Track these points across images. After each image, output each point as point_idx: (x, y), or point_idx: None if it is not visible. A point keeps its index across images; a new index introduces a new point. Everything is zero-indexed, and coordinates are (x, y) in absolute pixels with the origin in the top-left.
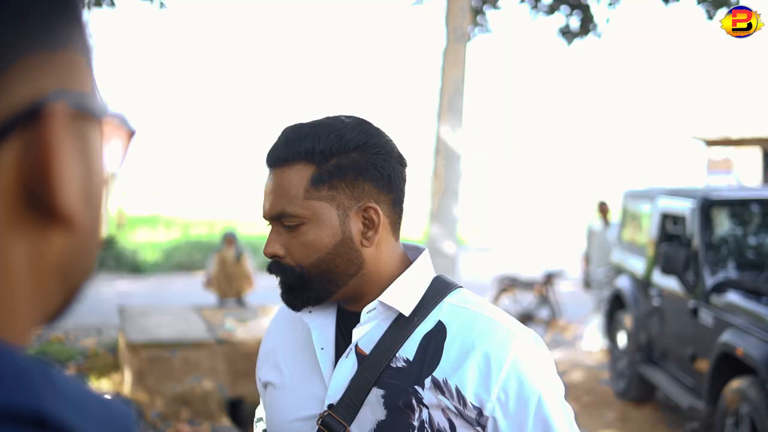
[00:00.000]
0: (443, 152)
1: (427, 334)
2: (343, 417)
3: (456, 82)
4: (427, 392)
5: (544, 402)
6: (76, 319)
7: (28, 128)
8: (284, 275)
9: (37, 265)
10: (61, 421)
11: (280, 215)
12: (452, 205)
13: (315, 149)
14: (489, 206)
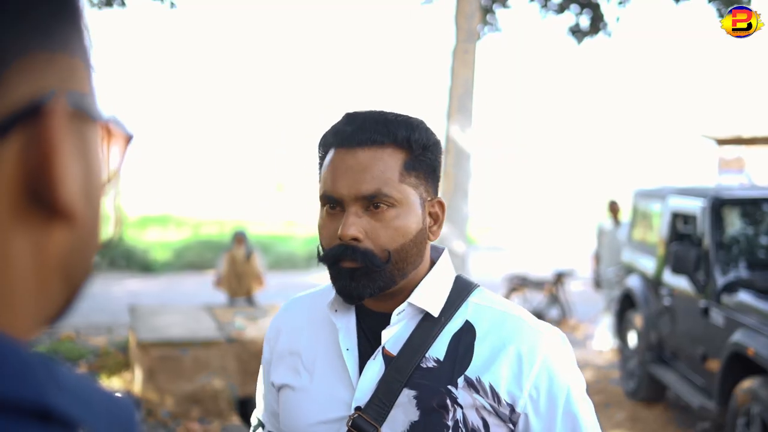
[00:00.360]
0: (453, 152)
1: (455, 333)
2: (374, 419)
3: (465, 81)
4: (461, 392)
5: (572, 398)
6: (87, 318)
7: (29, 125)
8: (364, 260)
9: (39, 261)
10: (64, 413)
11: (373, 195)
12: (462, 205)
13: (411, 137)
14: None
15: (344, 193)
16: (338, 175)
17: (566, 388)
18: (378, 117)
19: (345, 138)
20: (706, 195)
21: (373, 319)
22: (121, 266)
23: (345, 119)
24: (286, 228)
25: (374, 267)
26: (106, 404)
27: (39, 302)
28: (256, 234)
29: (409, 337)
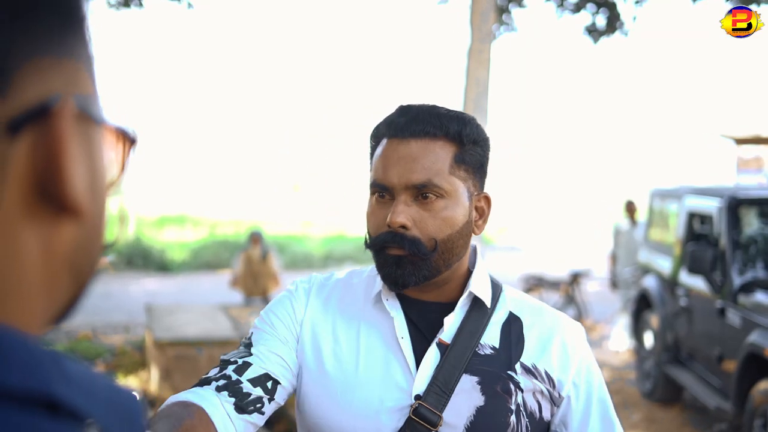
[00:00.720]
0: None
1: (505, 322)
2: (434, 406)
3: (480, 81)
4: (521, 377)
5: (602, 386)
6: (105, 317)
7: (38, 125)
8: (411, 247)
9: (48, 257)
10: (70, 404)
11: (423, 185)
12: None
13: (462, 132)
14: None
15: (395, 182)
16: (390, 164)
17: (599, 376)
18: (431, 110)
19: (398, 128)
20: (723, 195)
21: (417, 309)
22: (139, 266)
23: (398, 111)
24: (302, 228)
25: (420, 255)
26: (110, 396)
27: (48, 297)
28: (273, 234)
29: (462, 326)
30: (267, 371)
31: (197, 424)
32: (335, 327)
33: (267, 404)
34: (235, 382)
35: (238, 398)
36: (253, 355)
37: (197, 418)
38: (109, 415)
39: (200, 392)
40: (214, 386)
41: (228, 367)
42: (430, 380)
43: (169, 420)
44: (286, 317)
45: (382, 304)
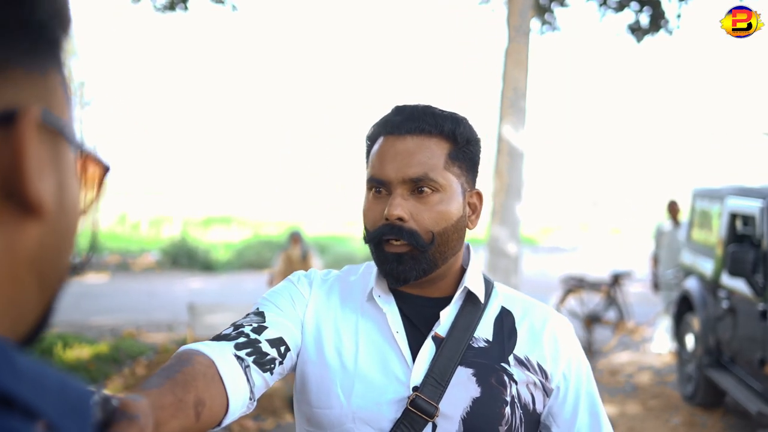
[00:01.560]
0: (505, 152)
1: (497, 317)
2: (431, 398)
3: (518, 81)
4: (514, 369)
5: (591, 379)
6: (149, 315)
7: (4, 130)
8: (410, 239)
9: (10, 255)
10: (19, 398)
11: (420, 178)
12: (515, 205)
13: (456, 131)
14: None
15: (392, 176)
16: (387, 160)
17: (587, 369)
18: (426, 109)
19: (394, 126)
20: (765, 195)
21: (412, 304)
22: (183, 265)
23: (394, 110)
24: (346, 228)
25: (419, 248)
26: (61, 390)
27: (10, 298)
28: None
29: (456, 320)
30: (281, 336)
31: (198, 374)
32: (336, 321)
33: (277, 366)
34: (255, 340)
35: (258, 356)
36: (267, 321)
37: (200, 367)
38: (58, 410)
39: (214, 345)
40: (234, 344)
41: (244, 327)
42: (426, 372)
43: (167, 370)
44: (292, 300)
45: (376, 300)
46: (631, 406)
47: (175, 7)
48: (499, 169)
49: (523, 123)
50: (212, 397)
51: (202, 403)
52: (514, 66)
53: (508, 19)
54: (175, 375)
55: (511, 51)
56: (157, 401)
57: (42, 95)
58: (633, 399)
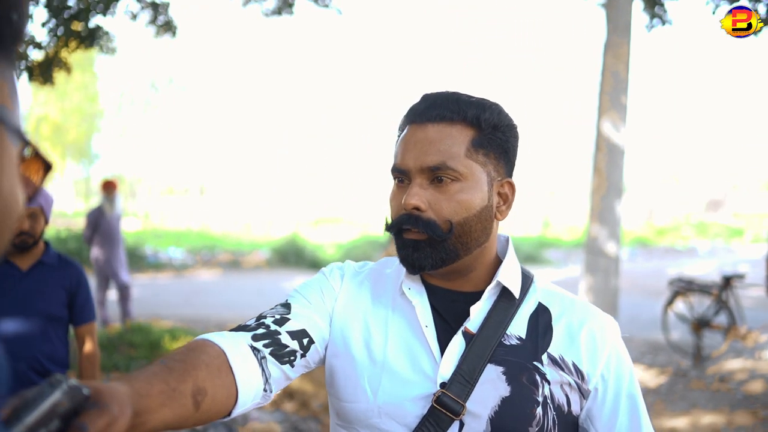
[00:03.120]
0: (605, 149)
1: (532, 313)
2: (458, 395)
3: (618, 76)
4: (547, 368)
5: (633, 381)
6: (256, 311)
7: None
8: (426, 229)
9: None
10: None
11: (437, 167)
12: (615, 204)
13: (481, 116)
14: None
15: (410, 165)
16: (407, 148)
17: (629, 371)
18: (450, 96)
19: (417, 114)
20: None
21: (443, 297)
22: (292, 263)
23: (421, 99)
24: None
25: (436, 237)
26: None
27: None
28: None
29: (488, 315)
30: (304, 328)
31: (201, 363)
32: (366, 314)
33: (299, 359)
34: (274, 332)
35: (275, 347)
36: (291, 313)
37: (205, 357)
38: None
39: (231, 336)
40: (252, 335)
41: (267, 318)
42: (454, 369)
43: (166, 359)
44: (322, 293)
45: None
46: (740, 415)
47: (282, 12)
48: (598, 166)
49: (624, 119)
50: (216, 387)
51: (202, 393)
52: (614, 60)
53: (606, 11)
54: (173, 364)
55: (610, 45)
56: (143, 389)
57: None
58: (743, 408)
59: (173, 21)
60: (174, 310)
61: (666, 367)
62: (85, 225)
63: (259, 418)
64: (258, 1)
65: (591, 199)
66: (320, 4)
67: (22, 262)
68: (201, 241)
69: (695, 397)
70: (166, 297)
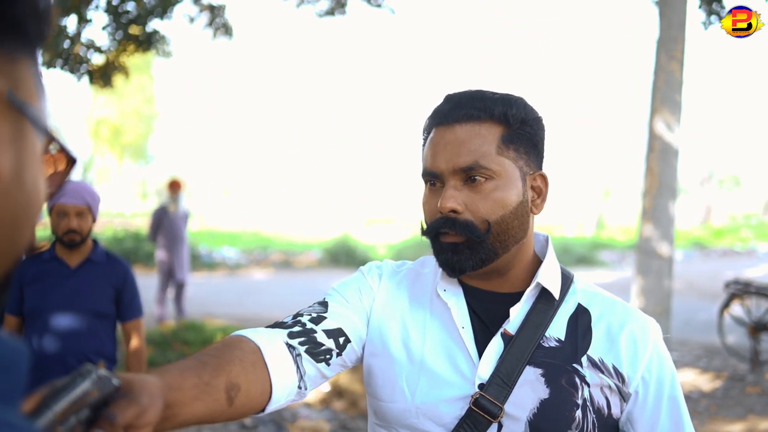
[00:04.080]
0: (657, 148)
1: (572, 315)
2: (496, 397)
3: (671, 74)
4: (587, 370)
5: (675, 383)
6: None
7: None
8: (465, 231)
9: None
10: None
11: (470, 167)
12: (668, 204)
13: (508, 112)
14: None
15: (443, 168)
16: (437, 151)
17: (671, 374)
18: (475, 94)
19: (443, 116)
20: None
21: (481, 298)
22: (343, 263)
23: (444, 100)
24: None
25: (475, 238)
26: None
27: None
28: None
29: (527, 317)
30: (341, 327)
31: (236, 359)
32: (404, 314)
33: (335, 357)
34: (310, 330)
35: (311, 345)
36: (328, 311)
37: (240, 353)
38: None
39: (267, 332)
40: (288, 332)
41: (303, 316)
42: (492, 371)
43: (200, 354)
44: (360, 291)
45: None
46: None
47: (335, 12)
48: (650, 166)
49: (678, 118)
50: (250, 383)
51: (235, 388)
52: (667, 58)
53: (660, 9)
54: (207, 359)
55: (663, 43)
56: (175, 382)
57: (8, 78)
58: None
59: (229, 23)
60: (227, 308)
61: (721, 372)
62: (150, 224)
63: (309, 416)
64: (311, 2)
65: (643, 199)
66: (373, 3)
67: (70, 259)
68: (254, 241)
69: (751, 402)
70: (219, 296)
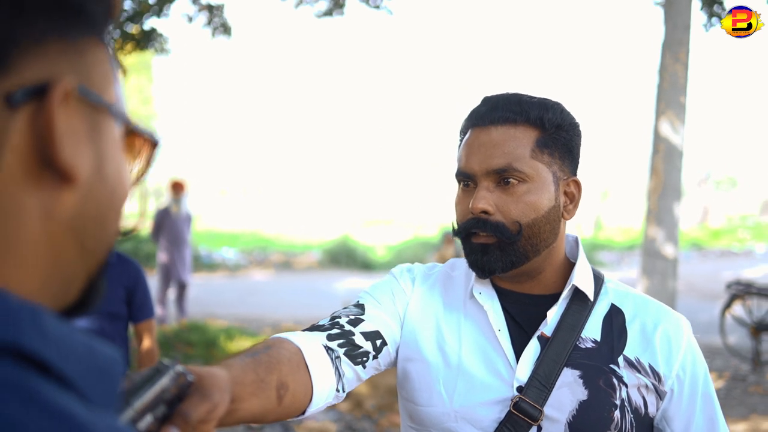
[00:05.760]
0: (662, 150)
1: (606, 315)
2: (535, 400)
3: (676, 76)
4: (624, 371)
5: (708, 380)
6: (308, 311)
7: (39, 101)
8: (495, 232)
9: (48, 220)
10: (40, 356)
11: (504, 169)
12: (673, 205)
13: (544, 117)
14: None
15: (476, 169)
16: (471, 152)
17: (704, 370)
18: (512, 97)
19: (479, 117)
20: None
21: (515, 301)
22: (343, 264)
23: (481, 101)
24: None
25: (506, 240)
26: (88, 355)
27: (51, 262)
28: None
29: (562, 319)
30: (378, 329)
31: (283, 359)
32: (438, 317)
33: (371, 360)
34: (348, 332)
35: (349, 348)
36: (365, 314)
37: (286, 353)
38: (84, 372)
39: (306, 335)
40: (326, 334)
41: (341, 318)
42: (530, 374)
43: (252, 351)
44: (393, 295)
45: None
46: None
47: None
48: (655, 167)
49: (683, 120)
50: (296, 383)
51: (285, 387)
52: (672, 60)
53: (665, 11)
54: (260, 356)
55: (668, 44)
56: (239, 377)
57: (79, 70)
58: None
59: (228, 22)
60: (228, 309)
61: (723, 372)
62: (152, 225)
63: (315, 417)
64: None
65: (648, 200)
66: (371, 4)
67: None
68: (254, 242)
69: (754, 402)
70: (220, 296)
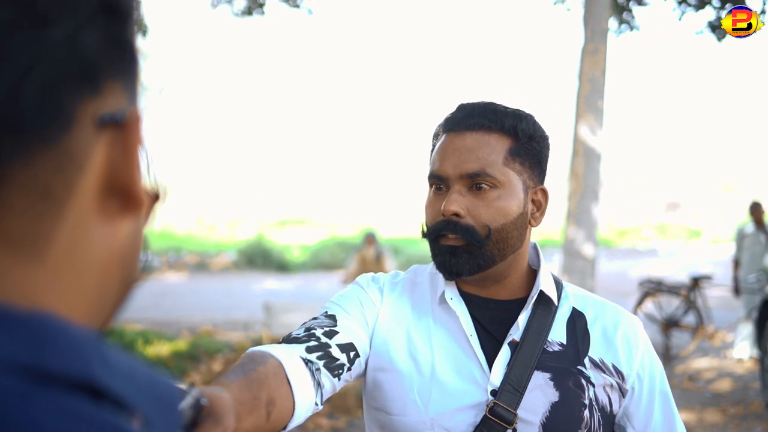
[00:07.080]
0: (581, 153)
1: (569, 319)
2: (509, 404)
3: (595, 81)
4: (590, 371)
5: (664, 378)
6: (225, 314)
7: (117, 127)
8: (465, 234)
9: (109, 250)
10: (112, 390)
11: (477, 174)
12: (592, 206)
13: (517, 126)
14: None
15: (450, 172)
16: (446, 156)
17: (660, 369)
18: (487, 106)
19: (455, 123)
20: None
21: (481, 306)
22: (259, 265)
23: (457, 108)
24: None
25: (474, 243)
26: (150, 385)
27: (99, 292)
28: (390, 236)
29: (529, 323)
30: (352, 341)
31: (270, 374)
32: (408, 326)
33: (345, 373)
34: (325, 345)
35: (327, 360)
36: (338, 325)
37: (271, 368)
38: (149, 403)
39: (285, 348)
40: (305, 347)
41: (316, 330)
42: (503, 378)
43: (241, 367)
44: (363, 306)
45: (448, 303)
46: (710, 413)
47: (253, 12)
48: (575, 169)
49: (601, 123)
50: (281, 398)
51: (273, 403)
52: (591, 65)
53: (584, 18)
54: (251, 373)
55: (587, 50)
56: (238, 396)
57: (130, 99)
58: (712, 406)
59: (144, 20)
60: (143, 312)
61: None
62: None
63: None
64: (228, 3)
65: (568, 202)
66: (291, 4)
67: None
68: (165, 241)
69: None
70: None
